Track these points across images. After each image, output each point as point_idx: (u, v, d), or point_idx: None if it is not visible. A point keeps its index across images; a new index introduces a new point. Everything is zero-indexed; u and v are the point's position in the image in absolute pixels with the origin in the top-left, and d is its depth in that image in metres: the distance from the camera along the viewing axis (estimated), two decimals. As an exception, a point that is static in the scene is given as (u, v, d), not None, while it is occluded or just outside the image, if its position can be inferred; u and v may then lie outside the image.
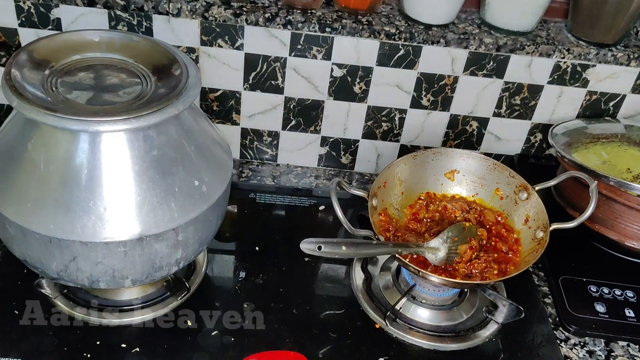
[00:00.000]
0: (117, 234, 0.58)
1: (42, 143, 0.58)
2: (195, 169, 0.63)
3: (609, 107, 0.94)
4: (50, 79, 0.61)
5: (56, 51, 0.64)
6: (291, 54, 0.86)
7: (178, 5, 0.81)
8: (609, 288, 0.81)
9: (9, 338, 0.66)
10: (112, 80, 0.62)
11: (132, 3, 0.81)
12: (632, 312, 0.78)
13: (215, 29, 0.84)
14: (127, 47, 0.66)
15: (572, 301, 0.79)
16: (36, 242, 0.59)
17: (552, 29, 0.91)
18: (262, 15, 0.82)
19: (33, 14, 0.82)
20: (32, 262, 0.62)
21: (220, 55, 0.86)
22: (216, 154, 0.67)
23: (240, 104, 0.92)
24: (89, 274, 0.61)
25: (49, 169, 0.58)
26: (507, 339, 0.74)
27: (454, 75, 0.89)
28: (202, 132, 0.66)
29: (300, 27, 0.83)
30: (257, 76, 0.89)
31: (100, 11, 0.82)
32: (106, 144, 0.58)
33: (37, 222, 0.58)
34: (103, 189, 0.58)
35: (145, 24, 0.83)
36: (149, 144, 0.59)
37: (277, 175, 0.97)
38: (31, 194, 0.58)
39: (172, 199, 0.61)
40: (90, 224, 0.57)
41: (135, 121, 0.57)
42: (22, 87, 0.58)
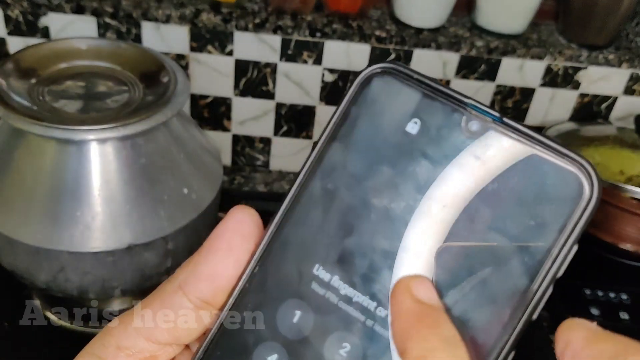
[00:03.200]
0: (105, 244, 0.58)
1: (28, 152, 0.58)
2: (185, 177, 0.63)
3: (601, 109, 0.94)
4: (37, 87, 0.60)
5: (43, 60, 0.63)
6: (282, 60, 0.86)
7: (167, 12, 0.81)
8: (604, 291, 0.81)
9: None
10: (99, 88, 0.62)
11: (120, 10, 0.80)
12: (627, 315, 0.78)
13: (205, 35, 0.84)
14: (115, 54, 0.66)
15: (567, 304, 0.78)
16: (24, 252, 0.58)
17: (543, 31, 0.91)
18: (251, 21, 0.82)
19: (21, 23, 0.82)
20: (20, 273, 0.62)
21: (210, 62, 0.86)
22: (206, 161, 0.67)
23: (231, 110, 0.91)
24: (78, 284, 0.61)
25: (36, 178, 0.57)
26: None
27: (445, 78, 0.89)
28: (191, 139, 0.66)
29: (290, 33, 0.83)
30: (247, 82, 0.88)
31: (89, 19, 0.81)
32: (94, 153, 0.57)
33: (24, 232, 0.57)
34: (91, 198, 0.57)
35: (135, 31, 0.83)
36: (137, 152, 0.59)
37: (270, 182, 0.97)
38: (18, 204, 0.57)
39: (161, 207, 0.60)
40: (78, 234, 0.57)
41: (123, 129, 0.56)
42: (8, 96, 0.57)
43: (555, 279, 0.19)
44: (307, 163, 0.22)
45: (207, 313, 0.22)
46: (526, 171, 0.20)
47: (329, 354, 0.21)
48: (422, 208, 0.20)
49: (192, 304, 0.22)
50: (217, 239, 0.22)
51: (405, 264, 0.20)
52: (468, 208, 0.20)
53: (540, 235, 0.19)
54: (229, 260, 0.22)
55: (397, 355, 0.20)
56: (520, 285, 0.19)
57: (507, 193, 0.20)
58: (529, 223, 0.19)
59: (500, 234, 0.20)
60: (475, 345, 0.20)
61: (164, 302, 0.22)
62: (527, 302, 0.19)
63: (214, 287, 0.22)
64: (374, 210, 0.21)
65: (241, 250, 0.22)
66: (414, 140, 0.21)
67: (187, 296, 0.22)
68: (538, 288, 0.19)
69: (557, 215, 0.19)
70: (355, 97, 0.22)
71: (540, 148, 0.20)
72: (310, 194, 0.22)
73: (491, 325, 0.20)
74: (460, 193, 0.20)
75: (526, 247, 0.19)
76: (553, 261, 0.19)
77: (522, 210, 0.20)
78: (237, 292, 0.22)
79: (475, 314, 0.20)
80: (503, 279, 0.20)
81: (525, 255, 0.19)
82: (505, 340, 0.20)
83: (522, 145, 0.20)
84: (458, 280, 0.20)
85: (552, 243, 0.19)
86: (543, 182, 0.19)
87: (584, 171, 0.19)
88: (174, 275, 0.22)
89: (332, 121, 0.22)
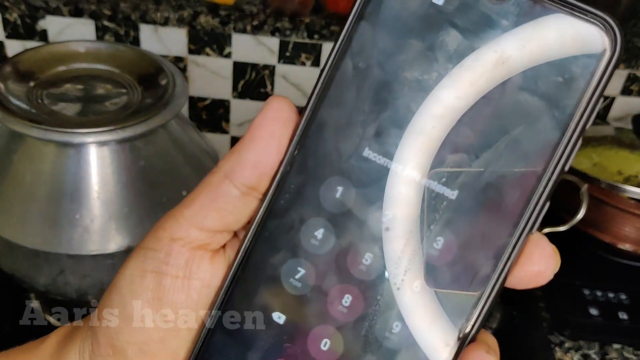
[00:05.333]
0: (104, 247, 0.58)
1: (27, 156, 0.58)
2: (184, 179, 0.63)
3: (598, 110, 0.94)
4: (35, 90, 0.60)
5: (41, 63, 0.63)
6: (280, 61, 0.86)
7: (165, 14, 0.81)
8: (603, 291, 0.81)
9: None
10: (98, 91, 0.62)
11: (118, 12, 0.80)
12: (626, 315, 0.78)
13: (203, 38, 0.84)
14: (113, 57, 0.66)
15: (566, 305, 0.79)
16: (23, 256, 0.58)
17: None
18: (249, 23, 0.82)
19: (19, 26, 0.82)
20: (20, 276, 0.62)
21: (208, 64, 0.86)
22: (205, 163, 0.67)
23: (230, 113, 0.91)
24: (77, 287, 0.61)
25: (34, 181, 0.57)
26: (501, 344, 0.74)
27: (443, 80, 0.89)
28: (190, 142, 0.66)
29: (288, 34, 0.83)
30: (246, 84, 0.88)
31: (87, 22, 0.81)
32: (92, 155, 0.57)
33: (23, 235, 0.57)
34: (90, 201, 0.57)
35: (133, 34, 0.83)
36: (136, 155, 0.59)
37: (268, 183, 0.97)
38: (17, 207, 0.57)
39: (160, 209, 0.60)
40: (77, 237, 0.57)
41: (122, 132, 0.56)
42: (7, 99, 0.57)
43: (584, 131, 0.21)
44: (337, 44, 0.22)
45: (253, 199, 0.23)
46: (551, 30, 0.20)
47: (372, 223, 0.22)
48: (453, 76, 0.21)
49: (239, 190, 0.23)
50: (259, 128, 0.23)
51: (437, 125, 0.21)
52: (496, 73, 0.21)
53: (569, 90, 0.21)
54: (271, 147, 0.22)
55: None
56: (553, 137, 0.21)
57: (534, 53, 0.21)
58: (556, 80, 0.21)
59: (530, 93, 0.21)
60: (512, 199, 0.21)
61: (211, 193, 0.23)
62: (560, 153, 0.21)
63: (259, 173, 0.23)
64: (407, 84, 0.21)
65: (282, 137, 0.23)
66: (441, 10, 0.21)
67: (234, 183, 0.23)
68: (570, 138, 0.21)
69: (583, 70, 0.20)
70: None
71: (564, 7, 0.20)
72: (342, 74, 0.22)
73: (526, 177, 0.21)
74: (490, 57, 0.21)
75: (556, 102, 0.21)
76: (582, 112, 0.21)
77: (549, 68, 0.21)
78: (279, 176, 0.23)
79: (510, 169, 0.21)
80: (535, 133, 0.21)
81: (555, 110, 0.21)
82: (542, 191, 0.21)
83: (546, 5, 0.20)
84: (492, 139, 0.21)
85: (580, 96, 0.21)
86: (567, 40, 0.20)
87: (607, 26, 0.20)
88: (217, 166, 0.23)
89: (357, 1, 0.22)
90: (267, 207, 0.23)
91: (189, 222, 0.23)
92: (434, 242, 0.22)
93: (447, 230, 0.21)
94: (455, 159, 0.21)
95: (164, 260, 0.23)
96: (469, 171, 0.21)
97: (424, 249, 0.22)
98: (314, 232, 0.22)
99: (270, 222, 0.23)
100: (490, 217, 0.21)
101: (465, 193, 0.21)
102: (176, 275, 0.23)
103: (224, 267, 0.24)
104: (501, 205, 0.21)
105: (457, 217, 0.21)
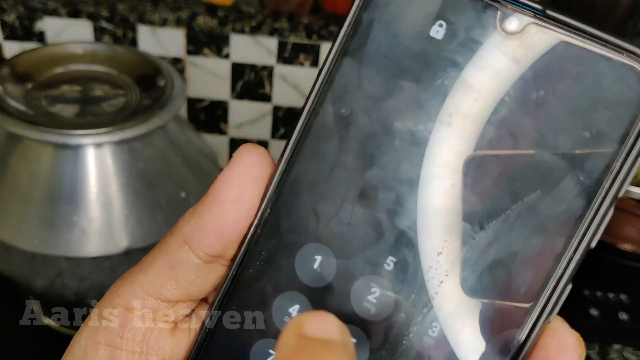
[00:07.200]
0: (102, 249, 0.57)
1: (25, 157, 0.57)
2: (182, 181, 0.62)
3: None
4: (33, 92, 0.60)
5: (39, 64, 0.63)
6: (278, 62, 0.86)
7: (163, 15, 0.81)
8: (603, 292, 0.80)
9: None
10: (96, 93, 0.62)
11: (116, 14, 0.80)
12: (626, 316, 0.78)
13: (201, 39, 0.83)
14: (111, 58, 0.66)
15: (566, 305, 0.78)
16: (20, 258, 0.58)
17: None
18: (248, 24, 0.82)
19: (17, 28, 0.82)
20: (17, 279, 0.61)
21: (206, 65, 0.86)
22: (203, 164, 0.66)
23: (228, 114, 0.91)
24: (75, 290, 0.60)
25: (32, 183, 0.57)
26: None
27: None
28: (188, 143, 0.66)
29: (286, 35, 0.83)
30: (244, 85, 0.88)
31: (85, 23, 0.81)
32: (90, 157, 0.57)
33: (20, 237, 0.57)
34: (87, 202, 0.57)
35: (131, 35, 0.83)
36: (134, 156, 0.59)
37: (267, 185, 0.96)
38: (14, 209, 0.57)
39: (159, 211, 0.60)
40: (75, 239, 0.57)
41: (120, 133, 0.56)
42: (4, 101, 0.57)
43: (617, 199, 0.17)
44: (316, 86, 0.19)
45: (218, 266, 0.20)
46: (577, 71, 0.16)
47: (356, 300, 0.19)
48: (454, 126, 0.17)
49: (200, 259, 0.20)
50: (224, 188, 0.19)
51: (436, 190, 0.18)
52: (511, 120, 0.17)
53: (598, 147, 0.16)
54: (239, 211, 0.19)
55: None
56: (576, 207, 0.17)
57: (556, 99, 0.17)
58: (583, 134, 0.16)
59: (549, 150, 0.17)
60: (526, 281, 0.17)
61: (168, 259, 0.20)
62: (586, 227, 0.17)
63: (223, 242, 0.19)
64: (398, 135, 0.18)
65: (252, 198, 0.19)
66: (440, 46, 0.17)
67: (194, 252, 0.20)
68: (598, 209, 0.17)
69: (617, 122, 0.16)
70: (366, 1, 0.18)
71: (593, 43, 0.16)
72: (321, 122, 0.19)
73: (543, 255, 0.17)
74: (500, 104, 0.17)
75: (581, 162, 0.16)
76: (615, 177, 0.17)
77: (574, 118, 0.16)
78: (247, 241, 0.19)
79: (523, 243, 0.17)
80: (554, 201, 0.17)
81: (580, 173, 0.17)
82: (561, 274, 0.18)
83: (570, 41, 0.16)
84: (502, 205, 0.17)
85: (612, 155, 0.16)
86: (598, 82, 0.16)
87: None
88: (176, 227, 0.20)
89: (341, 33, 0.19)
90: (234, 276, 0.20)
91: (145, 290, 0.20)
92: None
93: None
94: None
95: (118, 333, 0.20)
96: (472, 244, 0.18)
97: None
98: (287, 309, 0.19)
99: (237, 295, 0.20)
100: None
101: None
102: (132, 350, 0.20)
103: (187, 340, 0.21)
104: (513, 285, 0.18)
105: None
